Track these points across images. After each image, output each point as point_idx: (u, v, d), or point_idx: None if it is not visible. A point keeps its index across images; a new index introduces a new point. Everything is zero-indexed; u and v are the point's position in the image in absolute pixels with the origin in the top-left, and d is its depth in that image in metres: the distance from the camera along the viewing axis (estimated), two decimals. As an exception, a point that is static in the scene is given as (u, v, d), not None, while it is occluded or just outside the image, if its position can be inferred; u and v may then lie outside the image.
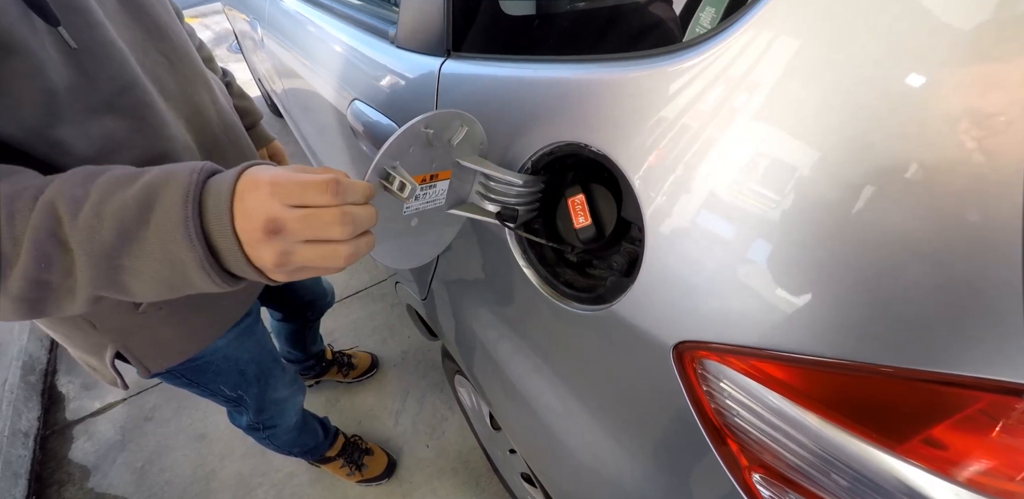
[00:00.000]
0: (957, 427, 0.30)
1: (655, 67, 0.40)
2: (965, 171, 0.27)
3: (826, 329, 0.33)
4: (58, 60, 0.44)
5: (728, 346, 0.38)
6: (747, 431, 0.39)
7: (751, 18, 0.34)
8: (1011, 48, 0.25)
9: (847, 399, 0.34)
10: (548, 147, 0.50)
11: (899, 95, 0.28)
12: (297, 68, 1.27)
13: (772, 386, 0.36)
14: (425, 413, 1.48)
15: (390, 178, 0.41)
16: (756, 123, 0.34)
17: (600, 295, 0.48)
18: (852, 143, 0.30)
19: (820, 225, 0.32)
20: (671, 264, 0.40)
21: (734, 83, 0.35)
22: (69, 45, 0.45)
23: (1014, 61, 0.25)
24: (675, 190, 0.39)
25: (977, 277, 0.27)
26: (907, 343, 0.30)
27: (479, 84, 0.59)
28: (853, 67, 0.30)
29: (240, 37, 2.29)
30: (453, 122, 0.46)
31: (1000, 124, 0.25)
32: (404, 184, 0.40)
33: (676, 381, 0.42)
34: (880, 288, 0.30)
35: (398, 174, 0.41)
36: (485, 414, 1.04)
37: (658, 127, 0.39)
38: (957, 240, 0.27)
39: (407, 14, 0.73)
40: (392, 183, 0.41)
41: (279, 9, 1.39)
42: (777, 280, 0.34)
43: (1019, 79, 0.25)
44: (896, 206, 0.29)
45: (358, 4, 1.02)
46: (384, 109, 0.79)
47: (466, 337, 0.81)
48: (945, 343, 0.29)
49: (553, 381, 0.60)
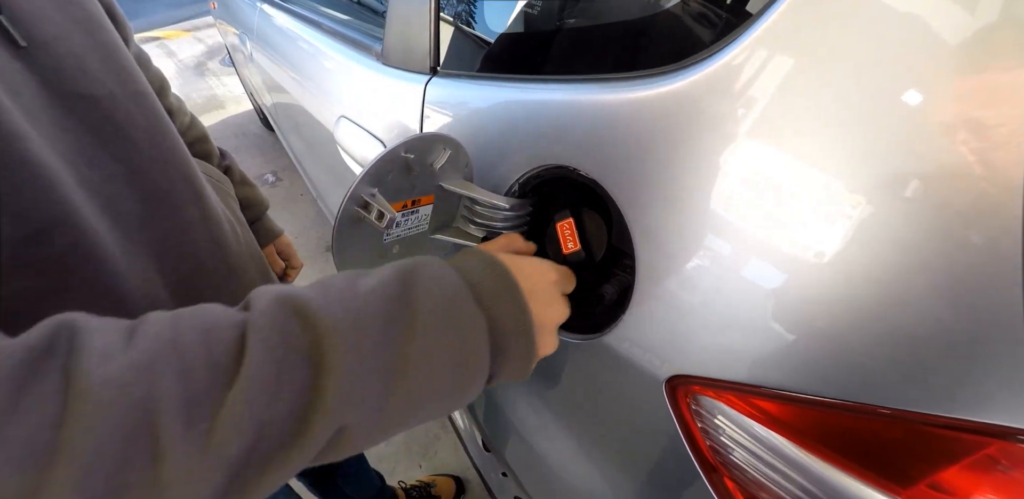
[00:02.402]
0: (965, 472, 0.29)
1: (646, 88, 0.39)
2: (967, 186, 0.26)
3: (825, 367, 0.32)
4: None
5: (723, 382, 0.36)
6: (744, 470, 0.37)
7: (746, 38, 0.33)
8: (1009, 57, 0.24)
9: (849, 441, 0.32)
10: (536, 170, 0.48)
11: (897, 109, 0.27)
12: (286, 83, 1.26)
13: (769, 425, 0.35)
14: (418, 432, 1.46)
15: (368, 207, 0.39)
16: (750, 147, 0.33)
17: (591, 324, 0.47)
18: (852, 172, 0.29)
19: (818, 259, 0.31)
20: (664, 295, 0.39)
21: (728, 105, 0.34)
22: None
23: (1013, 71, 0.24)
24: (667, 218, 0.38)
25: (984, 321, 0.26)
26: (910, 385, 0.29)
27: (465, 103, 0.58)
28: (849, 85, 0.29)
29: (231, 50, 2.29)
30: (435, 145, 0.44)
31: (1001, 135, 0.25)
32: (383, 213, 0.38)
33: (669, 416, 0.40)
34: (883, 326, 0.29)
35: (376, 203, 0.39)
36: (477, 436, 1.02)
37: (649, 151, 0.38)
38: (963, 276, 0.26)
39: (392, 31, 0.72)
40: (370, 212, 0.39)
41: (268, 24, 1.38)
42: (774, 315, 0.33)
43: (1018, 88, 0.24)
44: (897, 239, 0.28)
45: (345, 20, 1.01)
46: (370, 126, 0.77)
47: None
48: (952, 385, 0.28)
49: (540, 410, 0.58)
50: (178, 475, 0.22)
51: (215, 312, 0.26)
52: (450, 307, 0.30)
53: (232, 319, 0.26)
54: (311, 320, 0.26)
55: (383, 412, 0.29)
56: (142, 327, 0.25)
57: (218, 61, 4.06)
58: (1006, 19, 0.24)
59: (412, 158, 0.42)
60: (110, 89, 0.41)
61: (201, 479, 0.23)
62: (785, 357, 0.33)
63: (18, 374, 0.20)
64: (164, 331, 0.24)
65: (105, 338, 0.23)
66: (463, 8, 0.63)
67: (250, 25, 1.56)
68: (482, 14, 0.61)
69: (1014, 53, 0.24)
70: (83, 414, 0.20)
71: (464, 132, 0.56)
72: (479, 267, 0.34)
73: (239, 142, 2.94)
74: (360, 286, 0.30)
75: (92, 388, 0.21)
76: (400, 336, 0.29)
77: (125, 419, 0.21)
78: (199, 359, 0.24)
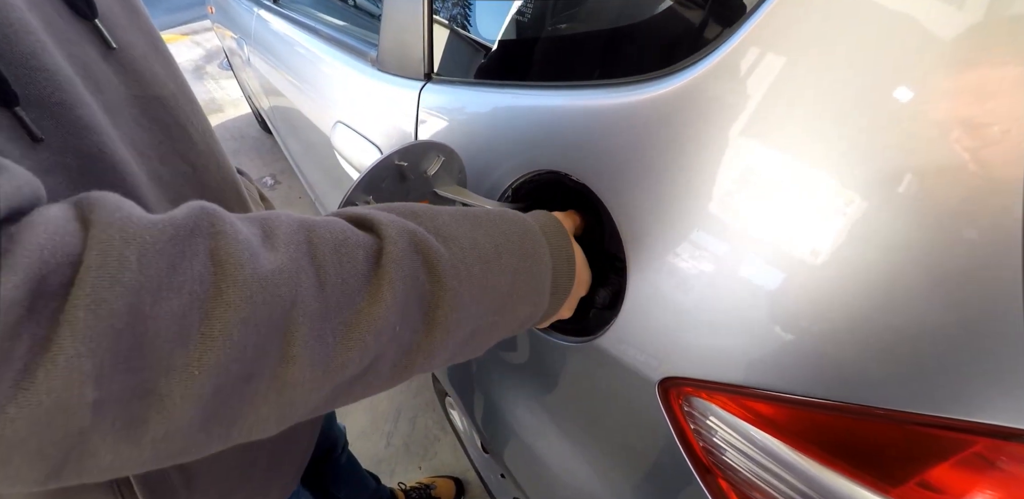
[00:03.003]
0: (953, 470, 0.30)
1: (635, 94, 0.39)
2: (962, 180, 0.26)
3: (816, 368, 0.32)
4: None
5: (715, 383, 0.37)
6: (736, 470, 0.38)
7: (734, 42, 0.33)
8: (1000, 53, 0.25)
9: (839, 440, 0.33)
10: (528, 175, 0.49)
11: (889, 107, 0.27)
12: (282, 88, 1.27)
13: (760, 425, 0.35)
14: (417, 434, 1.46)
15: (363, 213, 0.40)
16: (739, 150, 0.33)
17: (584, 327, 0.47)
18: (843, 174, 0.29)
19: (809, 260, 0.31)
20: (654, 298, 0.39)
21: (716, 108, 0.34)
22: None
23: (1004, 66, 0.25)
24: (657, 222, 0.38)
25: (973, 320, 0.27)
26: (901, 385, 0.29)
27: (459, 109, 0.58)
28: (839, 86, 0.29)
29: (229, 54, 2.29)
30: (429, 153, 0.45)
31: (995, 133, 0.25)
32: (377, 220, 0.39)
33: (663, 417, 0.41)
34: (873, 327, 0.29)
35: (371, 209, 0.39)
36: (476, 437, 1.02)
37: (638, 156, 0.39)
38: (954, 275, 0.27)
39: (387, 37, 0.72)
40: (365, 218, 0.39)
41: (264, 28, 1.39)
42: (763, 316, 0.33)
43: (1010, 85, 0.24)
44: (888, 238, 0.28)
45: (340, 25, 1.02)
46: (366, 131, 0.78)
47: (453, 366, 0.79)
48: (940, 386, 0.28)
49: (538, 412, 0.59)
50: (298, 380, 0.24)
51: (343, 229, 0.28)
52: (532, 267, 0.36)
53: (361, 241, 0.28)
54: (436, 274, 0.30)
55: (463, 350, 0.34)
56: (276, 228, 0.26)
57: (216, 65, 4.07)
58: (997, 16, 0.24)
59: (406, 166, 0.42)
60: (172, 90, 0.44)
61: (314, 388, 0.25)
62: (775, 358, 0.33)
63: (170, 250, 0.21)
64: (300, 239, 0.26)
65: (243, 229, 0.24)
66: (457, 15, 0.64)
67: (247, 29, 1.56)
68: (475, 21, 0.61)
69: (1006, 50, 0.24)
70: (233, 303, 0.21)
71: (458, 137, 0.56)
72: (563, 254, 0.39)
73: (238, 145, 2.95)
74: (481, 245, 0.33)
75: (245, 281, 0.22)
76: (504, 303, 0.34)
77: (270, 318, 0.22)
78: (333, 276, 0.25)
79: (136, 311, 0.19)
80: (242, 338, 0.21)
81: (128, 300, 0.19)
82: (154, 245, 0.20)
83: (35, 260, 0.17)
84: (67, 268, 0.18)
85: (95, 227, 0.19)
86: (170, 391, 0.20)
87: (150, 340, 0.19)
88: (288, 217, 0.27)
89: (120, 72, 0.39)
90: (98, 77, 0.36)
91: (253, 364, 0.22)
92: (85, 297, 0.18)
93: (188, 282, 0.20)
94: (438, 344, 0.30)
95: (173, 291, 0.20)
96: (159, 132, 0.41)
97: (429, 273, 0.29)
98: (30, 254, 0.17)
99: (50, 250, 0.18)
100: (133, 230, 0.20)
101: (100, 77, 0.36)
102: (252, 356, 0.22)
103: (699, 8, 0.39)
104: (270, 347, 0.23)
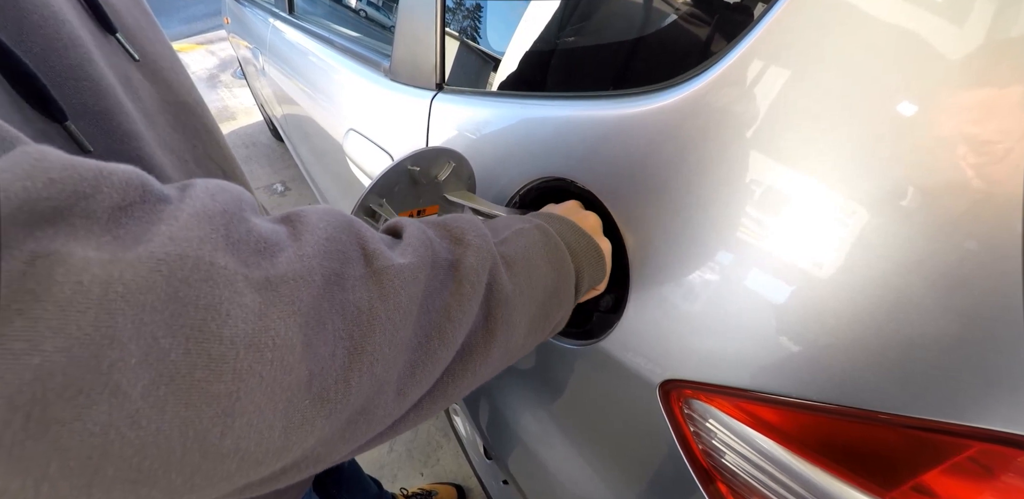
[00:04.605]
0: (947, 474, 0.30)
1: (641, 105, 0.40)
2: (964, 194, 0.26)
3: (814, 372, 0.32)
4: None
5: (715, 386, 0.37)
6: (735, 473, 0.38)
7: (738, 53, 0.34)
8: (1005, 72, 0.25)
9: (836, 444, 0.33)
10: (536, 182, 0.50)
11: (895, 120, 0.28)
12: (296, 96, 1.29)
13: (760, 429, 0.36)
14: (420, 440, 1.46)
15: (376, 216, 0.41)
16: (744, 161, 0.34)
17: (587, 330, 0.48)
18: (846, 185, 0.30)
19: (810, 266, 0.32)
20: (657, 302, 0.40)
21: (720, 119, 0.35)
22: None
23: (1009, 86, 0.25)
24: (660, 229, 0.39)
25: (971, 328, 0.27)
26: (897, 389, 0.30)
27: (469, 118, 0.60)
28: (847, 96, 0.30)
29: (243, 63, 2.34)
30: (440, 159, 0.46)
31: (999, 150, 0.25)
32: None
33: (663, 420, 0.41)
34: (872, 332, 0.30)
35: (384, 212, 0.41)
36: (479, 443, 1.02)
37: (643, 164, 0.40)
38: (957, 283, 0.27)
39: (400, 48, 0.74)
40: (378, 221, 0.41)
41: (279, 39, 1.42)
42: (766, 321, 0.34)
43: (1014, 104, 0.25)
44: (892, 251, 0.29)
45: (354, 36, 1.04)
46: (378, 139, 0.80)
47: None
48: (937, 391, 0.29)
49: (542, 417, 0.59)
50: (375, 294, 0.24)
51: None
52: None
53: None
54: (492, 311, 0.31)
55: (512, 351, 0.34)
56: (302, 225, 0.26)
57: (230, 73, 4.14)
58: (1002, 36, 0.25)
59: (418, 171, 0.44)
60: (195, 97, 0.47)
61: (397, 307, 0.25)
62: (774, 361, 0.34)
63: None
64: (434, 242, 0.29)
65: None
66: (468, 27, 0.65)
67: (262, 40, 1.60)
68: (486, 33, 0.63)
69: (1012, 68, 0.25)
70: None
71: (468, 146, 0.58)
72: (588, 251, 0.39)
73: (249, 152, 2.99)
74: (536, 280, 0.34)
75: (316, 228, 0.24)
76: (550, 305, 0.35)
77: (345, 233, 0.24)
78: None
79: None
80: (328, 242, 0.24)
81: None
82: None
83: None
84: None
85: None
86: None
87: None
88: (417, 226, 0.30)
89: (152, 80, 0.41)
90: (135, 85, 0.38)
91: (344, 263, 0.24)
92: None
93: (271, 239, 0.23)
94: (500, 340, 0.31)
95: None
96: (192, 137, 0.44)
97: (487, 307, 0.31)
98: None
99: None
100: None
101: (137, 85, 0.38)
102: (342, 252, 0.24)
103: (705, 21, 0.40)
104: (353, 249, 0.25)
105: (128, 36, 0.40)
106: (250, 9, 1.80)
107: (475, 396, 0.77)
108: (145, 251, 0.16)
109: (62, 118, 0.30)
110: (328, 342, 0.21)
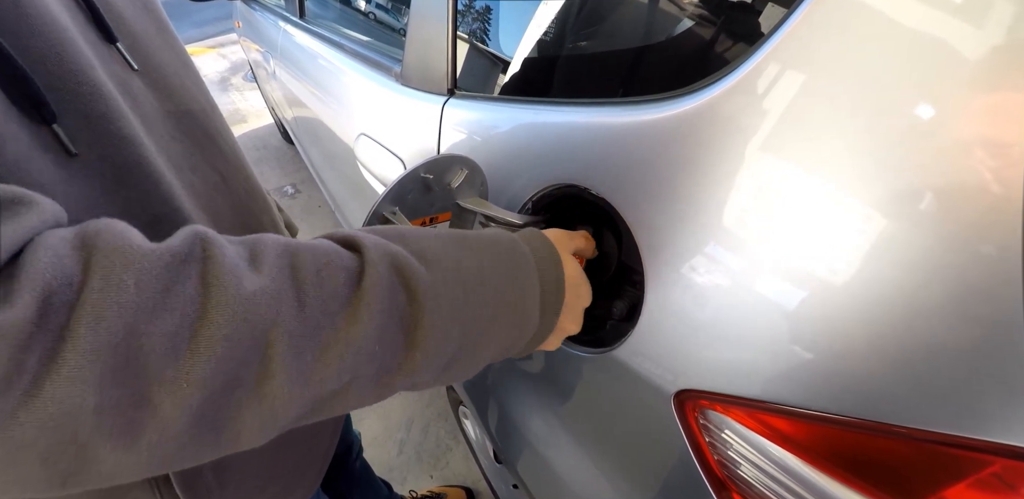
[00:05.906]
0: (970, 491, 0.29)
1: (655, 112, 0.40)
2: (981, 198, 0.26)
3: (833, 384, 0.32)
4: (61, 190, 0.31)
5: (731, 397, 0.37)
6: (751, 484, 0.38)
7: (754, 62, 0.34)
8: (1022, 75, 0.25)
9: (853, 457, 0.33)
10: (548, 188, 0.50)
11: (911, 125, 0.28)
12: (307, 100, 1.30)
13: (776, 440, 0.35)
14: (429, 443, 1.46)
15: (389, 223, 0.41)
16: (758, 167, 0.34)
17: (600, 338, 0.48)
18: (861, 191, 0.30)
19: (827, 275, 0.31)
20: (672, 311, 0.40)
21: (737, 126, 0.35)
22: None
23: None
24: (674, 236, 0.39)
25: (992, 338, 0.27)
26: (918, 402, 0.29)
27: (481, 124, 0.60)
28: (860, 104, 0.29)
29: (254, 67, 2.36)
30: (453, 166, 0.46)
31: (1017, 153, 0.25)
32: (402, 230, 0.40)
33: (678, 430, 0.41)
34: (891, 343, 0.29)
35: (397, 220, 0.41)
36: (489, 447, 1.02)
37: (657, 171, 0.40)
38: (975, 292, 0.27)
39: (412, 53, 0.74)
40: (390, 229, 0.41)
41: (290, 43, 1.43)
42: (781, 331, 0.34)
43: None
44: (909, 258, 0.28)
45: (366, 41, 1.05)
46: (389, 144, 0.80)
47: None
48: (959, 404, 0.28)
49: (553, 422, 0.59)
50: (277, 393, 0.25)
51: (328, 252, 0.29)
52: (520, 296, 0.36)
53: (344, 263, 0.29)
54: (415, 295, 0.30)
55: (447, 373, 0.34)
56: (263, 252, 0.27)
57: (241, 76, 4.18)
58: (1020, 39, 0.25)
59: (431, 178, 0.44)
60: (202, 105, 0.47)
61: (293, 401, 0.26)
62: (791, 373, 0.33)
63: (165, 276, 0.23)
64: (284, 262, 0.27)
65: (231, 253, 0.26)
66: (480, 32, 0.66)
67: (274, 43, 1.61)
68: (497, 39, 0.63)
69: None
70: (216, 322, 0.23)
71: (480, 151, 0.58)
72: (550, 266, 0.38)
73: (260, 154, 3.01)
74: (464, 268, 0.33)
75: (229, 302, 0.23)
76: (478, 316, 0.33)
77: (252, 335, 0.24)
78: (313, 297, 0.26)
79: (132, 329, 0.21)
80: (226, 354, 0.23)
81: (125, 319, 0.21)
82: (151, 271, 0.22)
83: (39, 281, 0.19)
84: (68, 289, 0.20)
85: (98, 253, 0.21)
86: (162, 401, 0.22)
87: (144, 355, 0.21)
88: (275, 240, 0.28)
89: (153, 89, 0.41)
90: (135, 93, 0.38)
91: (236, 378, 0.24)
92: (86, 315, 0.20)
93: (180, 304, 0.22)
94: (419, 365, 0.31)
95: (167, 312, 0.22)
96: (191, 145, 0.44)
97: (408, 295, 0.30)
98: (35, 276, 0.19)
99: (51, 273, 0.20)
100: (132, 257, 0.22)
101: (136, 93, 0.39)
102: (235, 370, 0.24)
103: (723, 28, 0.40)
104: (251, 362, 0.24)
105: (132, 44, 0.40)
106: (261, 13, 1.82)
107: (485, 399, 0.77)
108: None
109: (50, 120, 0.30)
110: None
